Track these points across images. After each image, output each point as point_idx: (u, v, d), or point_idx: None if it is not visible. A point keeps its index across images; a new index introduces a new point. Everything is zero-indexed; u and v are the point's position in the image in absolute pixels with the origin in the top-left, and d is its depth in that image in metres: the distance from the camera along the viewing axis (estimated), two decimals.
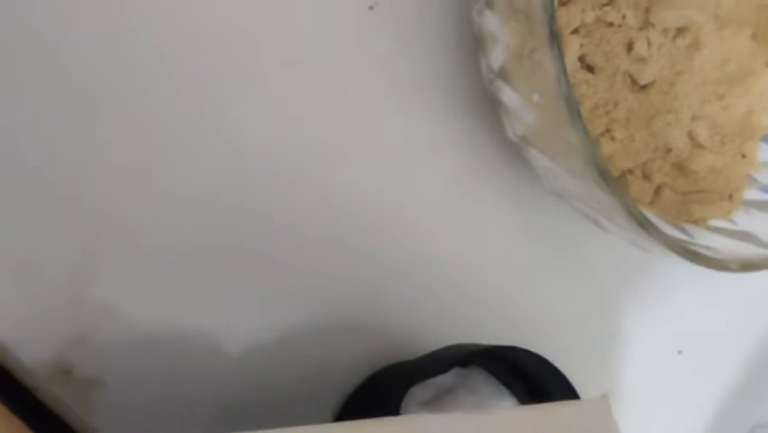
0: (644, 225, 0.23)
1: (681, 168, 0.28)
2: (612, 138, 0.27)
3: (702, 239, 0.27)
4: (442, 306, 0.29)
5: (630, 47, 0.27)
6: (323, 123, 0.27)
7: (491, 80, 0.26)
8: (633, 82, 0.27)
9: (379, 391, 0.26)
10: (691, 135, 0.28)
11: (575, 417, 0.18)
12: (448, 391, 0.25)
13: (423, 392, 0.25)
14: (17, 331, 0.24)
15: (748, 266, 0.25)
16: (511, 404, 0.26)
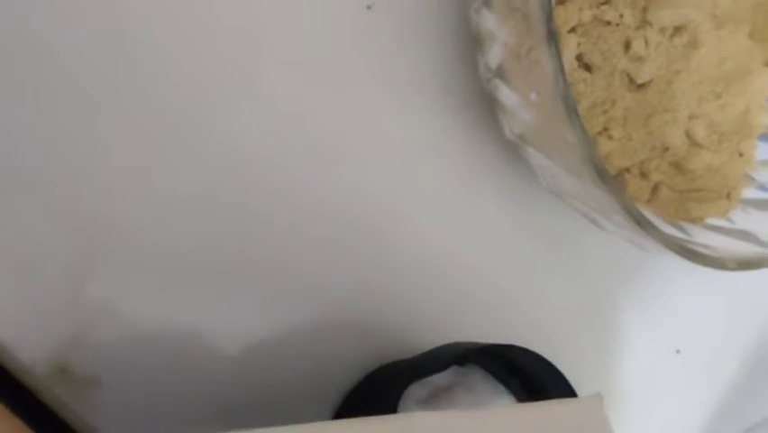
0: (641, 223, 0.23)
1: (679, 166, 0.28)
2: (609, 137, 0.27)
3: (700, 238, 0.27)
4: (439, 304, 0.29)
5: (627, 46, 0.27)
6: (321, 122, 0.27)
7: (489, 79, 0.26)
8: (630, 81, 0.27)
9: (377, 390, 0.26)
10: (689, 134, 0.28)
11: (569, 415, 0.18)
12: (446, 390, 0.25)
13: (420, 390, 0.25)
14: (16, 330, 0.24)
15: (746, 265, 0.25)
16: (508, 402, 0.26)
